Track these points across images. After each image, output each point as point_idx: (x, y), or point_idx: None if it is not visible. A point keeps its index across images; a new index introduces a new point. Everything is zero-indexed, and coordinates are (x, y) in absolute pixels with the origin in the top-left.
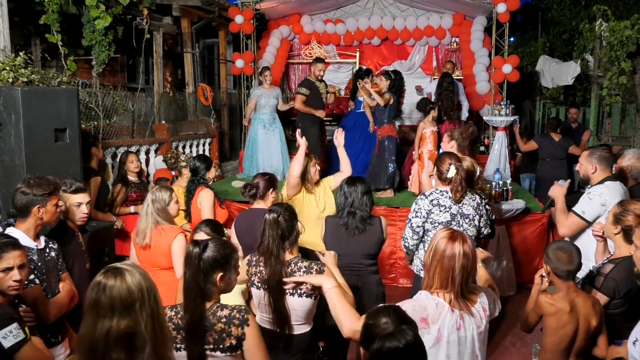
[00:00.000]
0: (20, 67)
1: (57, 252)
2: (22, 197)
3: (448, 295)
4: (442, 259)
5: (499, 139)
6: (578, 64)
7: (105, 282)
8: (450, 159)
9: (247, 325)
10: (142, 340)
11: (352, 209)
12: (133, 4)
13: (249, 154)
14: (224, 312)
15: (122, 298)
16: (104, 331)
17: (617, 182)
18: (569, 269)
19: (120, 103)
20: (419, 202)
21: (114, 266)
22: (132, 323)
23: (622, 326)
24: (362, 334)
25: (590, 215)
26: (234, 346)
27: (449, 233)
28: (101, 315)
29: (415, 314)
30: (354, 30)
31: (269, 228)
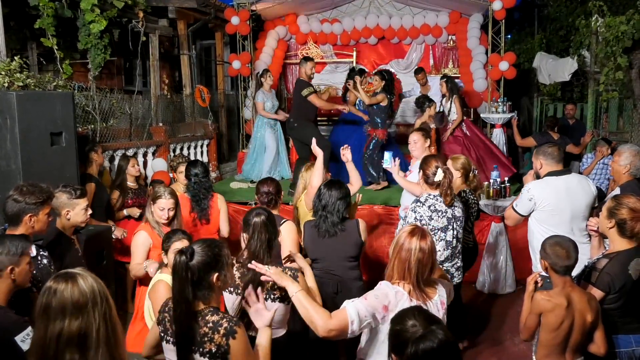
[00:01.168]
0: (16, 72)
1: (49, 260)
2: (14, 205)
3: (407, 285)
4: (400, 251)
5: (496, 136)
6: (575, 60)
7: (55, 286)
8: (436, 161)
9: (232, 337)
10: (95, 341)
11: (324, 212)
12: (128, 6)
13: (253, 156)
14: (213, 318)
15: (73, 301)
16: (55, 333)
17: (561, 177)
18: (567, 264)
19: (117, 106)
20: (418, 209)
21: (65, 272)
22: (84, 324)
23: (618, 321)
24: (392, 341)
25: (522, 210)
26: (213, 353)
27: (411, 228)
28: (52, 318)
29: (378, 301)
30: (351, 29)
31: (258, 231)
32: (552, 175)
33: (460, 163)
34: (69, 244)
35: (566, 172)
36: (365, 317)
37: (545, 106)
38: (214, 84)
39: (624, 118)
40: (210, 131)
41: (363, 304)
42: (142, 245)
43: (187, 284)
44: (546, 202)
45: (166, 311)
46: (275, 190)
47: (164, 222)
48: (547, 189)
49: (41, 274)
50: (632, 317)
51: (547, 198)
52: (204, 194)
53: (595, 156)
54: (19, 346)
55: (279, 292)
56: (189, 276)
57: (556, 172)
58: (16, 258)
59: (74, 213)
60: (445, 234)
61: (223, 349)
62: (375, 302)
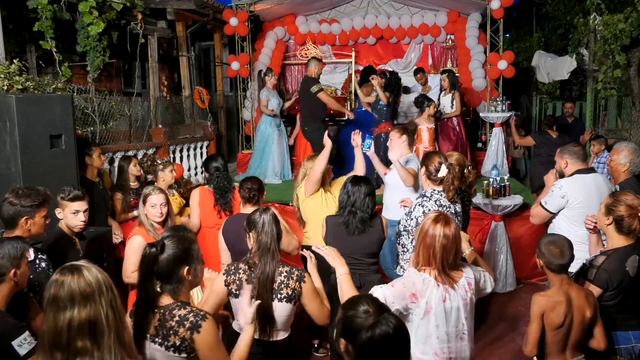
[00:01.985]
0: (15, 75)
1: (47, 263)
2: (10, 208)
3: (433, 271)
4: (425, 238)
5: (495, 135)
6: (573, 59)
7: (62, 278)
8: (439, 157)
9: (197, 331)
10: (104, 327)
11: (354, 208)
12: (127, 8)
13: (258, 155)
14: (181, 312)
15: (81, 290)
16: (66, 322)
17: (589, 175)
18: (562, 263)
19: (116, 108)
20: (426, 204)
21: (70, 264)
22: (92, 312)
23: (616, 317)
24: (343, 327)
25: (552, 207)
26: (177, 346)
27: (435, 215)
28: (61, 308)
29: (406, 290)
30: (349, 29)
31: (268, 225)
32: (581, 173)
33: (455, 159)
34: (70, 246)
35: (592, 170)
36: (392, 304)
37: (544, 105)
38: (213, 86)
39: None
40: (209, 132)
41: (390, 290)
42: (137, 251)
43: (153, 276)
44: (578, 200)
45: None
46: (257, 188)
47: (158, 220)
48: (578, 186)
49: (38, 278)
50: (631, 314)
51: (579, 195)
52: (226, 187)
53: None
54: (16, 351)
55: (285, 292)
56: (155, 269)
57: (584, 170)
58: (17, 261)
59: (63, 214)
60: None
61: (187, 342)
62: (402, 290)
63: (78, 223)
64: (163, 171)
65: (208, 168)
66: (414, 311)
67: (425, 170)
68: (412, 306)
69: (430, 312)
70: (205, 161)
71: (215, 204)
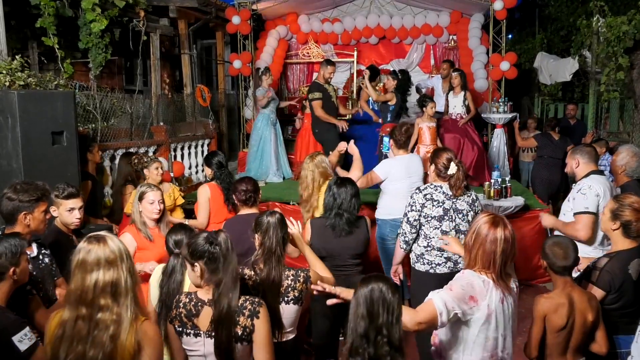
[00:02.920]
0: (17, 71)
1: (50, 258)
2: (8, 204)
3: (490, 275)
4: (485, 242)
5: (497, 136)
6: (576, 60)
7: (89, 247)
8: (447, 154)
9: (256, 317)
10: (123, 289)
11: (340, 210)
12: (129, 6)
13: (258, 155)
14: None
15: (105, 257)
16: (92, 282)
17: (602, 176)
18: (565, 265)
19: (118, 105)
20: (414, 196)
21: (95, 234)
22: (115, 275)
23: (618, 321)
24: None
25: (594, 208)
26: (238, 336)
27: (490, 218)
28: (89, 271)
29: (466, 292)
30: (352, 29)
31: (274, 229)
32: (596, 174)
33: None
34: (67, 243)
35: (602, 172)
36: (452, 308)
37: (546, 106)
38: (215, 84)
39: (625, 118)
40: (210, 131)
41: (449, 294)
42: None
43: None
44: (602, 199)
45: (179, 307)
46: (253, 189)
47: (155, 216)
48: (601, 185)
49: (42, 274)
50: (633, 318)
51: (602, 195)
52: (231, 183)
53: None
54: (17, 346)
55: (292, 294)
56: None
57: (596, 171)
58: (16, 258)
59: (58, 212)
60: (441, 224)
61: (248, 330)
62: (461, 293)
63: (74, 220)
64: (148, 169)
65: (210, 164)
66: (474, 316)
67: (434, 168)
68: (472, 310)
69: (491, 314)
70: (207, 157)
71: (225, 200)
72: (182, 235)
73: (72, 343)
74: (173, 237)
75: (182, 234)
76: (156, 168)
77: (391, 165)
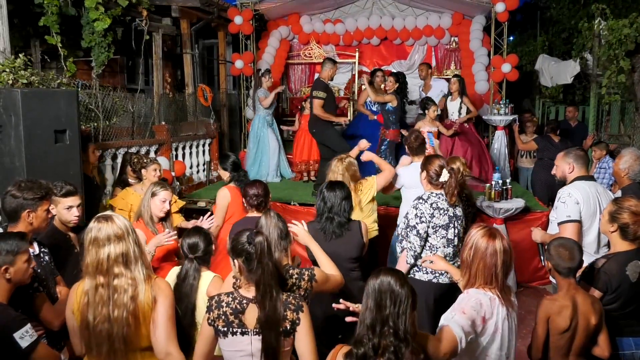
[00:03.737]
0: (20, 69)
1: (49, 257)
2: (12, 201)
3: (494, 291)
4: (485, 256)
5: (498, 138)
6: (577, 63)
7: (99, 225)
8: (439, 161)
9: (302, 311)
10: (133, 258)
11: (331, 214)
12: (132, 5)
13: (256, 154)
14: (282, 297)
15: (114, 232)
16: (105, 255)
17: (590, 182)
18: (570, 266)
19: (119, 104)
20: (420, 206)
21: (103, 214)
22: (124, 247)
23: (620, 323)
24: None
25: (576, 215)
26: (287, 331)
27: (486, 231)
28: (101, 246)
29: (477, 314)
30: (353, 30)
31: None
32: (582, 179)
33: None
34: (64, 241)
35: (591, 178)
36: (469, 332)
37: (547, 108)
38: (216, 83)
39: (626, 121)
40: (212, 130)
41: (464, 318)
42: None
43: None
44: (582, 206)
45: (223, 306)
46: (264, 193)
47: (162, 214)
48: (582, 192)
49: (45, 271)
50: (634, 320)
51: (583, 202)
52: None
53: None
54: (18, 343)
55: (297, 293)
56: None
57: (585, 177)
58: (10, 257)
59: (57, 210)
60: (447, 232)
61: (296, 324)
62: (474, 314)
63: (72, 218)
64: (147, 170)
65: (226, 167)
66: (482, 335)
67: (426, 175)
68: (482, 331)
69: (497, 332)
70: (221, 161)
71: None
72: (197, 239)
73: (97, 307)
74: (187, 241)
75: (197, 237)
76: (154, 169)
77: (404, 174)
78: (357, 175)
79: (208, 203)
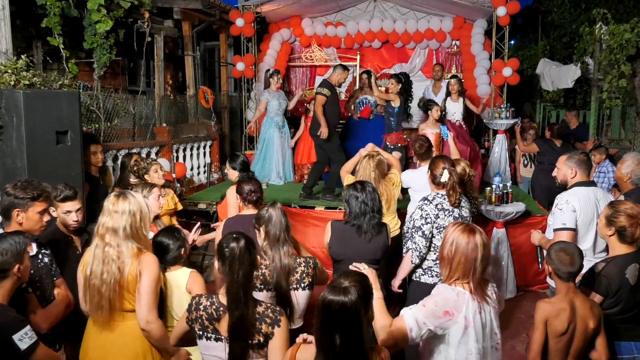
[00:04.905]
0: (22, 70)
1: (50, 258)
2: (5, 199)
3: (468, 285)
4: (466, 251)
5: (499, 142)
6: (578, 67)
7: (112, 198)
8: (443, 162)
9: (277, 325)
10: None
11: (373, 213)
12: (134, 7)
13: (261, 157)
14: (259, 309)
15: (113, 209)
16: (101, 223)
17: (590, 188)
18: (571, 271)
19: (121, 106)
20: (425, 207)
21: (123, 192)
22: (114, 223)
23: (619, 327)
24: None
25: (572, 224)
26: (259, 344)
27: (464, 226)
28: (103, 214)
29: (439, 308)
30: (355, 33)
31: (276, 216)
32: (581, 185)
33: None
34: (66, 243)
35: (592, 183)
36: (424, 324)
37: (547, 112)
38: (218, 86)
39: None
40: (213, 132)
41: (421, 311)
42: None
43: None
44: (580, 213)
45: (201, 309)
46: (260, 189)
47: (160, 210)
48: (580, 198)
49: (40, 273)
50: (634, 324)
51: (580, 209)
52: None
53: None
54: (17, 345)
55: (307, 280)
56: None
57: (584, 182)
58: (20, 256)
59: (57, 213)
60: None
61: (269, 338)
62: (434, 309)
63: (71, 222)
64: (149, 174)
65: (235, 166)
66: (451, 329)
67: (430, 175)
68: (448, 324)
69: (469, 326)
70: (230, 160)
71: None
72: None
73: (93, 264)
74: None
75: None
76: (155, 171)
77: (412, 177)
78: (385, 172)
79: (208, 205)
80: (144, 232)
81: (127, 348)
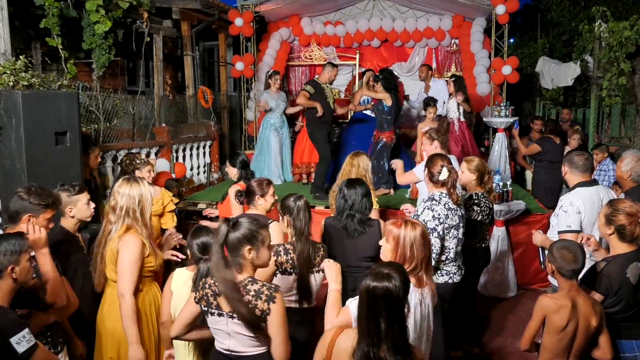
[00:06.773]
0: (21, 71)
1: (55, 259)
2: (18, 202)
3: (416, 275)
4: (405, 244)
5: (499, 140)
6: (578, 65)
7: (120, 181)
8: (441, 160)
9: (273, 302)
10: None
11: (352, 211)
12: (133, 7)
13: (259, 158)
14: (254, 287)
15: (114, 190)
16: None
17: (592, 187)
18: (574, 268)
19: (120, 106)
20: (435, 207)
21: (134, 177)
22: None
23: (620, 326)
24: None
25: (576, 226)
26: (259, 317)
27: (398, 221)
28: (111, 194)
29: None
30: (354, 32)
31: (302, 212)
32: (582, 186)
33: (475, 165)
34: (75, 243)
35: (594, 182)
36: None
37: (547, 111)
38: (217, 85)
39: (627, 123)
40: (212, 132)
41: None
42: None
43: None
44: (584, 215)
45: (206, 287)
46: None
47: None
48: (585, 200)
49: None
50: (635, 322)
51: (585, 211)
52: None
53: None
54: (15, 348)
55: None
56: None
57: (585, 182)
58: (15, 257)
59: (77, 209)
60: (458, 232)
61: (265, 314)
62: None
63: (91, 211)
64: (140, 171)
65: (235, 164)
66: None
67: (427, 173)
68: None
69: (409, 316)
70: (230, 158)
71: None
72: (206, 238)
73: (99, 234)
74: (196, 241)
75: (206, 235)
76: (148, 171)
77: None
78: (362, 174)
79: (208, 205)
80: (137, 216)
81: (115, 310)
